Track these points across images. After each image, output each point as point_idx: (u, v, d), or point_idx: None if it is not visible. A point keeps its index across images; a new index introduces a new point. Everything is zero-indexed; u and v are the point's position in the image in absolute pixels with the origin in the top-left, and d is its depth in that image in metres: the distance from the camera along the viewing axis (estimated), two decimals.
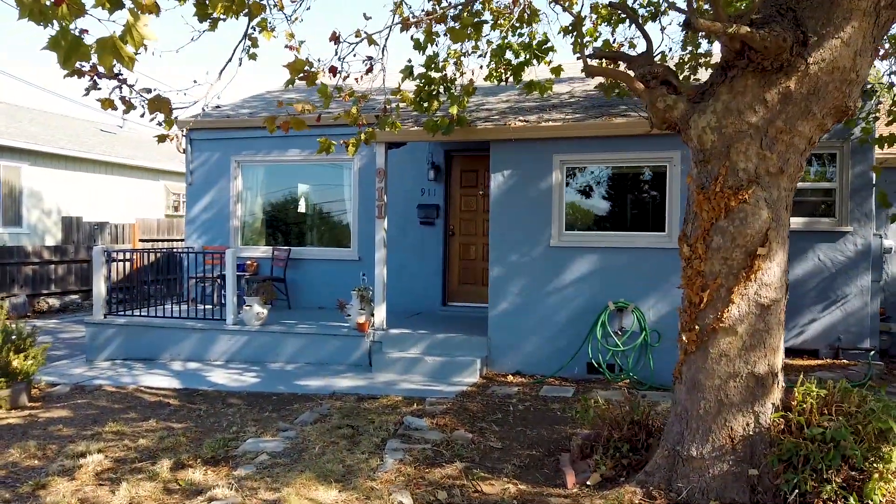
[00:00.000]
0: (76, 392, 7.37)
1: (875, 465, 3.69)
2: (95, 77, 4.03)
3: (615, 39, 8.26)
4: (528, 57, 7.64)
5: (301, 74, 4.38)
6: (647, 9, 7.84)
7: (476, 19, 6.15)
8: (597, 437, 4.85)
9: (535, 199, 8.20)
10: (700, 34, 7.98)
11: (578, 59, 5.04)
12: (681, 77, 7.17)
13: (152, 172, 20.76)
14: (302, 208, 11.22)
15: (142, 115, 4.38)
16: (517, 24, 7.25)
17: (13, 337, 7.04)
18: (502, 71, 7.85)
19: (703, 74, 8.10)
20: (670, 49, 8.45)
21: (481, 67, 8.03)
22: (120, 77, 4.09)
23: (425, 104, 7.59)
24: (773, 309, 3.94)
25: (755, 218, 3.84)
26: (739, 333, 3.92)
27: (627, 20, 7.97)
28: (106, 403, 6.87)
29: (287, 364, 8.65)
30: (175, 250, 12.50)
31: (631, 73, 4.53)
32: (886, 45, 7.38)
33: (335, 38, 5.05)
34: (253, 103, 11.95)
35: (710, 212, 3.94)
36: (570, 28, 7.95)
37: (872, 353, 8.16)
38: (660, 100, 4.15)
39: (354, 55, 6.79)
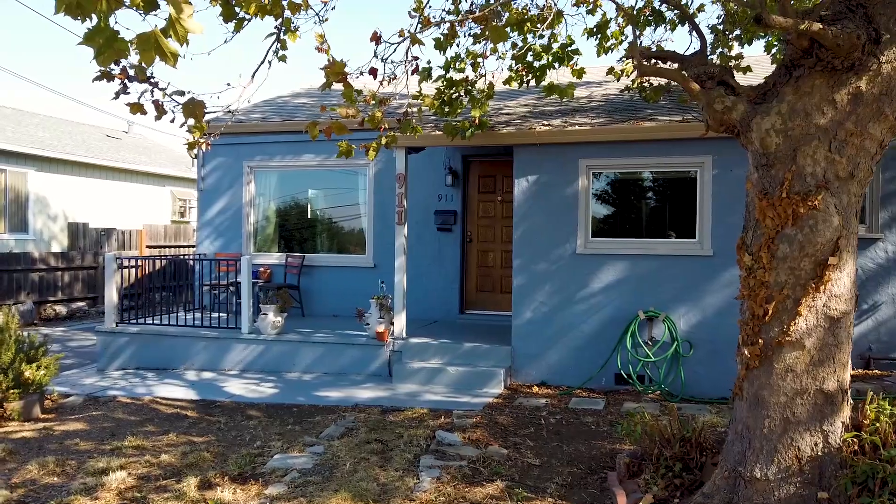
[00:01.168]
0: (90, 403, 7.14)
1: None
2: (125, 80, 3.84)
3: (641, 42, 8.04)
4: (550, 60, 7.43)
5: (339, 77, 4.18)
6: (675, 12, 7.63)
7: (519, 18, 5.92)
8: (644, 454, 4.63)
9: (560, 205, 8.00)
10: (730, 36, 7.85)
11: (628, 58, 4.86)
12: None
13: (158, 178, 20.54)
14: (315, 214, 11.01)
15: (172, 121, 4.18)
16: (540, 26, 7.05)
17: (25, 346, 6.83)
18: (523, 74, 7.64)
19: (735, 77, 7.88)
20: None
21: (503, 70, 7.81)
22: (151, 80, 3.89)
23: (447, 108, 7.38)
24: (842, 322, 3.73)
25: (826, 225, 3.63)
26: (807, 348, 3.71)
27: (653, 22, 7.79)
28: (122, 415, 6.65)
29: (304, 374, 8.42)
30: (185, 257, 12.28)
31: (671, 72, 4.34)
32: None
33: (376, 39, 4.84)
34: (264, 108, 11.75)
35: (776, 219, 3.73)
36: (595, 30, 7.75)
37: None
38: (717, 101, 3.94)
39: (384, 59, 6.48)
